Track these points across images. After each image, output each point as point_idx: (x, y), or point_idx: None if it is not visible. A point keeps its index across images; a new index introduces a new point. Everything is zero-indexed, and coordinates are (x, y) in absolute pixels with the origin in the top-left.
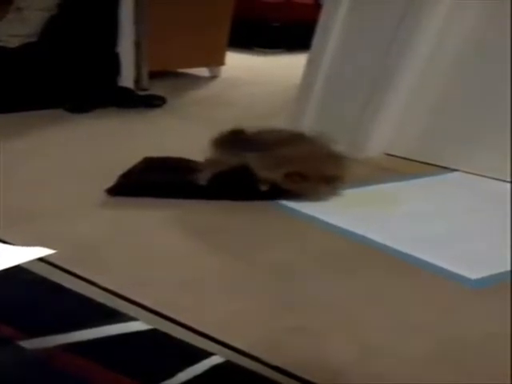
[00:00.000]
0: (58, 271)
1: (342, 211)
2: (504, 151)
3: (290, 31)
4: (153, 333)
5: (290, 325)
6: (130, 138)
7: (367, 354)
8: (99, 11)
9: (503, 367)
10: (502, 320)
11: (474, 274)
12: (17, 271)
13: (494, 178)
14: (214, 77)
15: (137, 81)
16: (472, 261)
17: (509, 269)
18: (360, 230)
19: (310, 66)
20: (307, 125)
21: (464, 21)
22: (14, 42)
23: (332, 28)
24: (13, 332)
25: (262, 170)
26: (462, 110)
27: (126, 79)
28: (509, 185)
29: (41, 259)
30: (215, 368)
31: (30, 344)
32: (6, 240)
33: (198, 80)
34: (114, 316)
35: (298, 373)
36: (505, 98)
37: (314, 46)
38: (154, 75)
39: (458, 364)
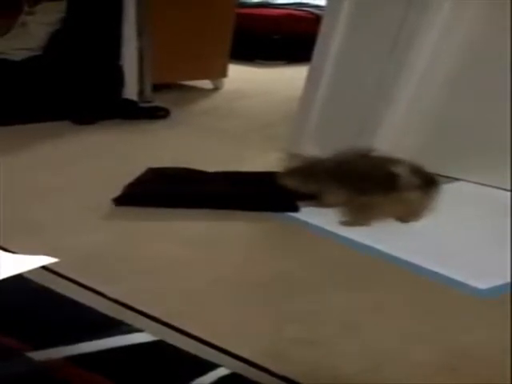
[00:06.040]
0: (62, 281)
1: None
2: (506, 160)
3: (291, 43)
4: (158, 344)
5: (298, 335)
6: (133, 149)
7: (376, 364)
8: (102, 25)
9: None
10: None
11: (483, 284)
12: (21, 281)
13: (497, 187)
14: (216, 89)
15: (140, 93)
16: (481, 270)
17: None
18: (367, 241)
19: (311, 77)
20: (309, 135)
21: (464, 23)
22: (19, 56)
23: (332, 40)
24: (16, 343)
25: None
26: (465, 118)
27: (130, 91)
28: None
29: (45, 269)
30: (222, 380)
31: (34, 356)
32: (10, 249)
33: (200, 92)
34: (119, 327)
35: (306, 382)
36: (506, 106)
37: (315, 57)
38: (158, 87)
39: (469, 373)
